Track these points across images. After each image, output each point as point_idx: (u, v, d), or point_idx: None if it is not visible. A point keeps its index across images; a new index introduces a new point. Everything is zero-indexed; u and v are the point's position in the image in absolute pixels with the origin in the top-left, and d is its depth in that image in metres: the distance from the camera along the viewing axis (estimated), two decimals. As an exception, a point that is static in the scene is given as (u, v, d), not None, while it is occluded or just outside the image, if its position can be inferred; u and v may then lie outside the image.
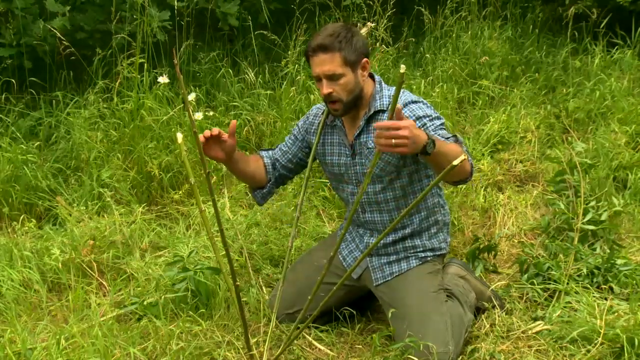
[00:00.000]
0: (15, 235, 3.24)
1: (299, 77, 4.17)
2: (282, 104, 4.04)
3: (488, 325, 2.60)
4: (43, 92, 4.15)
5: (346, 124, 2.57)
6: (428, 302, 2.46)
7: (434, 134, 2.27)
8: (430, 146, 2.08)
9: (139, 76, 3.81)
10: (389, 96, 2.49)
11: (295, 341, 2.51)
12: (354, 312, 2.69)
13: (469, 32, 4.89)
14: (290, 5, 4.61)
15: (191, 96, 3.70)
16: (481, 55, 4.69)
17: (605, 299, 2.63)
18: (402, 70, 1.85)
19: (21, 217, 3.35)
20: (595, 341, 2.39)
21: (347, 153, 2.57)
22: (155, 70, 4.01)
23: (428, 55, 4.74)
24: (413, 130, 2.01)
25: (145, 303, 2.67)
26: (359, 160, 2.55)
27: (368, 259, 2.60)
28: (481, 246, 3.04)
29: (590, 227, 3.07)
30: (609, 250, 2.95)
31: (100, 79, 3.98)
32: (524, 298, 2.80)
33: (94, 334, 2.42)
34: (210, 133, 2.37)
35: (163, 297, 2.67)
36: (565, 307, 2.63)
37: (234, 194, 3.60)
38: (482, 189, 3.57)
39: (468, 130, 4.15)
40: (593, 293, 2.67)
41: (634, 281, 2.74)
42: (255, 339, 2.53)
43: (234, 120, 2.41)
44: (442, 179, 2.02)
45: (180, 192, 3.55)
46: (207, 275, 2.69)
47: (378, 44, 4.42)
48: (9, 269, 2.91)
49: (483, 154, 3.84)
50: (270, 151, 2.74)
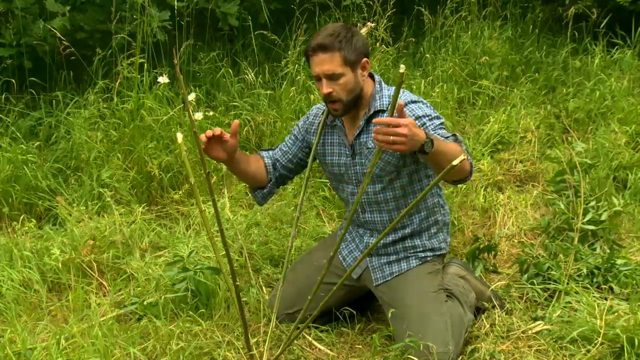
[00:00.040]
0: (15, 235, 3.24)
1: (299, 77, 4.17)
2: (282, 104, 4.04)
3: (488, 325, 2.60)
4: (43, 92, 4.14)
5: (346, 124, 2.56)
6: (428, 302, 2.46)
7: (433, 133, 2.27)
8: (428, 145, 2.08)
9: (139, 76, 3.80)
10: (388, 96, 2.49)
11: (295, 341, 2.50)
12: (354, 312, 2.68)
13: (469, 32, 4.89)
14: (290, 5, 4.61)
15: (191, 96, 3.69)
16: (481, 55, 4.69)
17: (605, 299, 2.63)
18: (402, 70, 1.85)
19: (21, 217, 3.35)
20: (595, 341, 2.39)
21: (347, 153, 2.57)
22: (155, 70, 4.01)
23: (428, 55, 4.74)
24: (412, 129, 2.01)
25: (145, 303, 2.67)
26: (358, 160, 2.54)
27: (368, 259, 2.60)
28: (481, 246, 3.04)
29: (590, 227, 3.07)
30: (609, 250, 2.95)
31: (100, 79, 3.98)
32: (524, 298, 2.80)
33: (94, 334, 2.42)
34: (212, 133, 2.35)
35: (163, 297, 2.67)
36: (565, 307, 2.63)
37: (234, 194, 3.60)
38: (482, 189, 3.57)
39: (468, 130, 4.15)
40: (593, 293, 2.67)
41: (634, 281, 2.74)
42: (255, 339, 2.53)
43: (236, 121, 2.40)
44: (442, 178, 2.02)
45: (180, 192, 3.55)
46: (207, 275, 2.68)
47: (378, 44, 4.42)
48: (9, 269, 2.91)
49: (483, 154, 3.83)
50: (270, 151, 2.74)
